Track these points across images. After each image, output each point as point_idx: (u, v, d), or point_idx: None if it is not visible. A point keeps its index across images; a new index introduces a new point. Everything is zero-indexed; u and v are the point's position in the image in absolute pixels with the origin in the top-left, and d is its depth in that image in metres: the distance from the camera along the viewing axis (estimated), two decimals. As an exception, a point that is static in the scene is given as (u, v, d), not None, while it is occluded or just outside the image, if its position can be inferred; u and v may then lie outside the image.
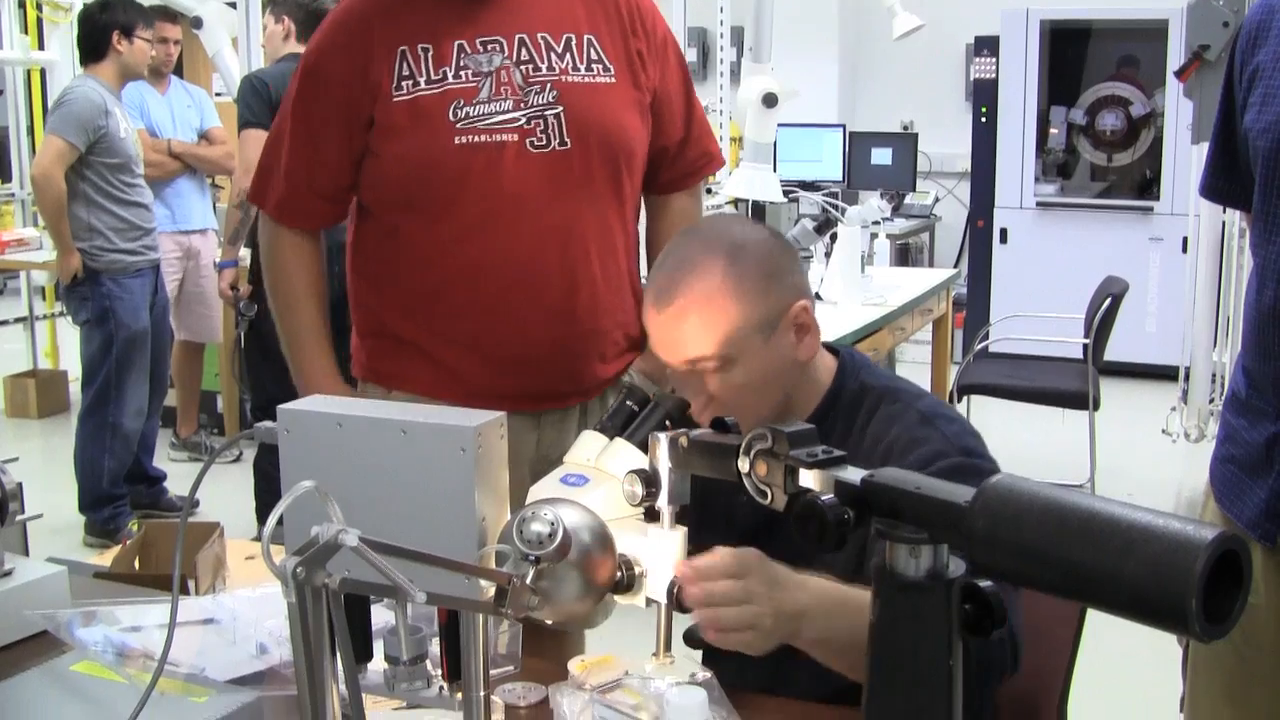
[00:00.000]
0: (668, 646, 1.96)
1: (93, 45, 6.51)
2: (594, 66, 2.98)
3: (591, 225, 2.97)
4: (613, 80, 2.99)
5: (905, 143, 11.13)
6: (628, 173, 3.05)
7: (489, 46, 2.91)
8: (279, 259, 3.12)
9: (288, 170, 3.02)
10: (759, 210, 6.97)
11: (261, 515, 6.14)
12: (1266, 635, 2.39)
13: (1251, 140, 2.39)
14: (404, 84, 2.88)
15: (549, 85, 2.92)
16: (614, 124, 2.99)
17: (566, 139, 2.91)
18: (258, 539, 3.75)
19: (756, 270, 2.28)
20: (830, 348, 2.48)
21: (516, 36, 2.92)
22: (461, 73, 2.88)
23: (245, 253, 6.62)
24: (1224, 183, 2.65)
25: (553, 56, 2.94)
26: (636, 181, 3.11)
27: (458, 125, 2.86)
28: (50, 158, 6.24)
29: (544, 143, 2.89)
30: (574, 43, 2.97)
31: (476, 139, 2.86)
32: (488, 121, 2.87)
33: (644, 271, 3.10)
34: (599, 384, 3.06)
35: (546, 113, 2.90)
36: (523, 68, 2.91)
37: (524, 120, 2.89)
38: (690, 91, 3.22)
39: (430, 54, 2.89)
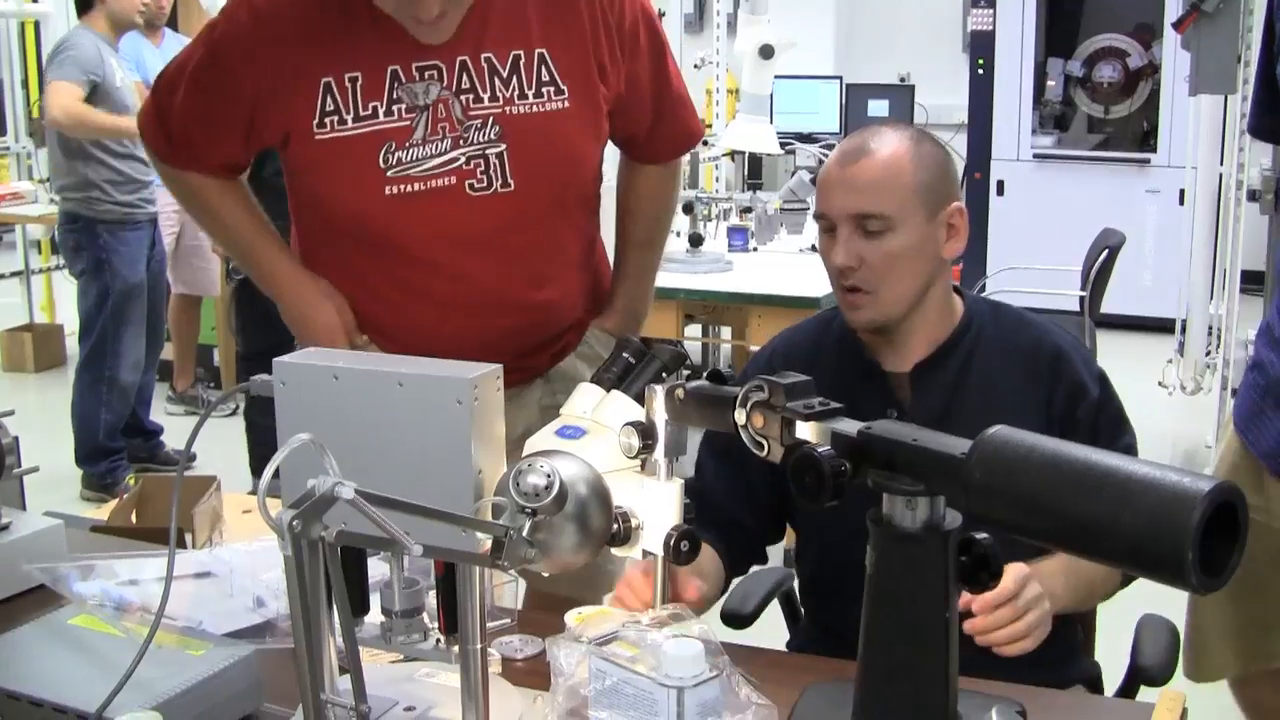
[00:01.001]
0: (664, 598, 1.97)
1: None
2: (544, 90, 2.63)
3: (540, 249, 2.73)
4: (565, 105, 2.64)
5: (902, 95, 11.10)
6: (579, 196, 2.80)
7: (427, 74, 2.57)
8: (191, 196, 2.85)
9: (177, 132, 2.72)
10: (755, 162, 6.96)
11: (255, 467, 6.15)
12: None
13: None
14: (327, 120, 2.56)
15: (491, 119, 2.59)
16: (563, 158, 2.70)
17: (510, 180, 2.62)
18: (254, 492, 3.75)
19: (933, 159, 2.44)
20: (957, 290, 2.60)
21: (458, 59, 2.58)
22: (394, 108, 2.56)
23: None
24: (1270, 119, 2.92)
25: (496, 82, 2.60)
26: (592, 189, 2.85)
27: (388, 173, 2.56)
28: (60, 97, 6.20)
29: (484, 185, 2.61)
30: (522, 61, 2.61)
31: (409, 188, 2.58)
32: (422, 167, 2.57)
33: (609, 237, 3.03)
34: (553, 357, 2.87)
35: (488, 151, 2.60)
36: (463, 98, 2.58)
37: (462, 160, 2.59)
38: (663, 72, 2.86)
39: (359, 84, 2.55)
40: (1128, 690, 2.55)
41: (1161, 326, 8.33)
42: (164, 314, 7.14)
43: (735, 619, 2.69)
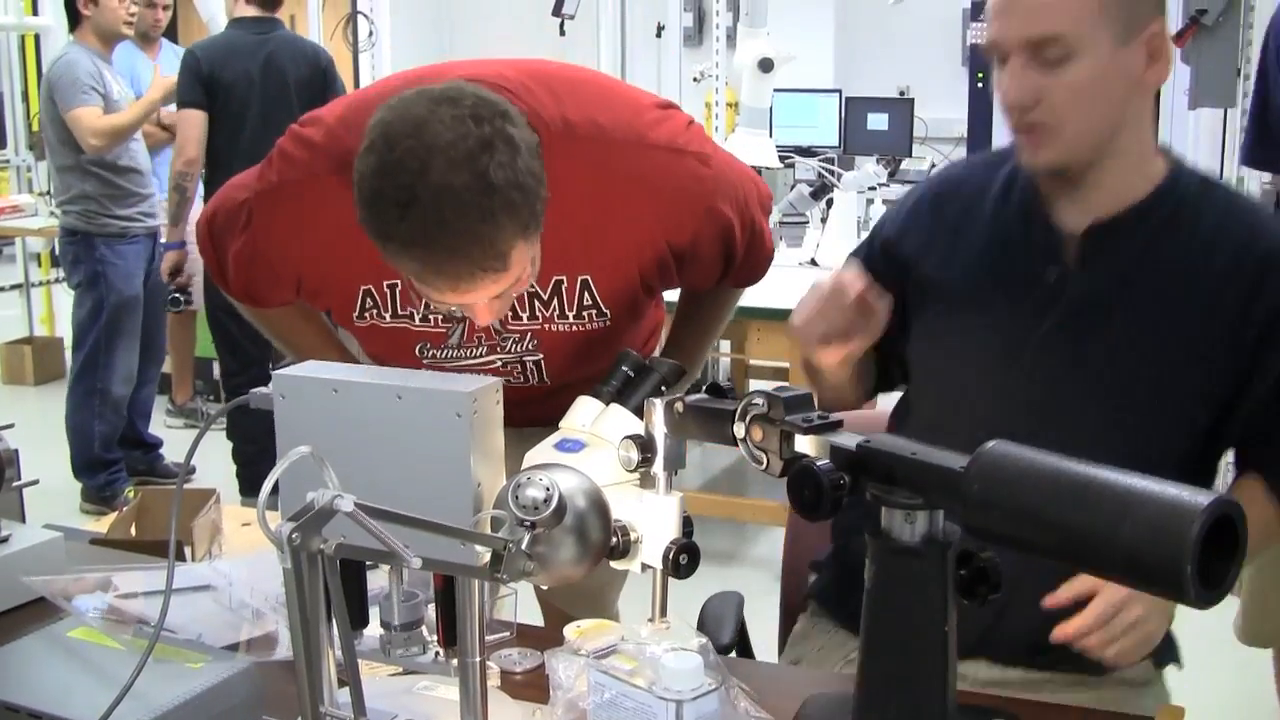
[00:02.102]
0: (663, 611, 1.97)
1: (69, 11, 6.47)
2: (585, 312, 2.49)
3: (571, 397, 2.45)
4: (607, 323, 2.52)
5: (902, 108, 11.09)
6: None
7: None
8: (253, 314, 2.81)
9: (236, 285, 2.65)
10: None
11: (243, 487, 6.16)
12: None
13: None
14: (366, 314, 2.50)
15: (529, 335, 2.52)
16: (602, 358, 2.34)
17: (546, 379, 2.59)
18: (253, 505, 3.75)
19: None
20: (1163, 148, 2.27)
21: None
22: (430, 316, 2.48)
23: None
24: (1261, 151, 3.10)
25: (536, 304, 2.47)
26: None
27: (424, 361, 2.55)
28: (86, 124, 6.20)
29: (520, 381, 2.59)
30: (564, 287, 2.47)
31: (442, 371, 2.48)
32: (456, 364, 2.55)
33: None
34: None
35: (526, 359, 2.56)
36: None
37: (499, 364, 2.56)
38: (734, 245, 2.59)
39: (397, 290, 2.45)
40: None
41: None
42: (164, 327, 7.14)
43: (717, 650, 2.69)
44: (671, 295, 2.80)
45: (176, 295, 6.76)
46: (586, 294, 2.47)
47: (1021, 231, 2.24)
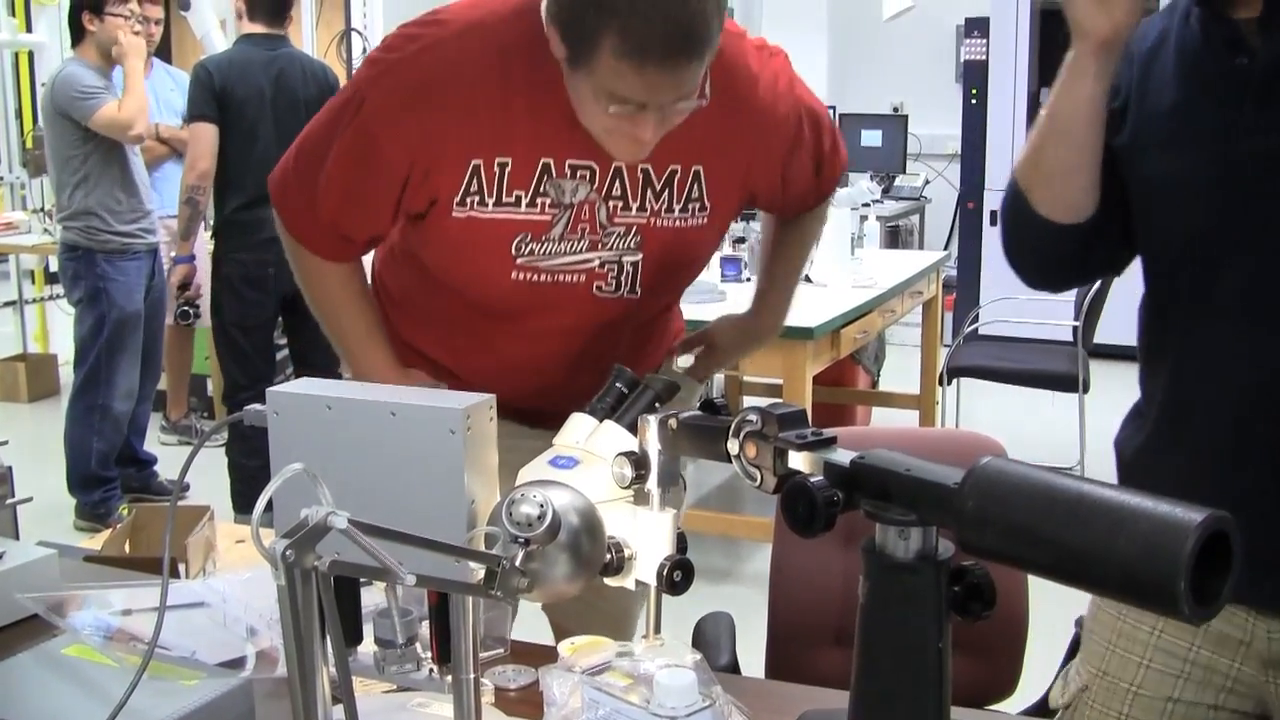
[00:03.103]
0: (657, 629, 1.97)
1: (73, 27, 6.49)
2: (690, 205, 2.53)
3: (631, 344, 2.71)
4: (705, 221, 2.56)
5: (895, 124, 11.13)
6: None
7: (579, 173, 2.45)
8: (310, 275, 2.70)
9: (324, 219, 2.56)
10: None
11: (237, 504, 6.16)
12: None
13: None
14: (469, 199, 2.43)
15: (634, 229, 2.52)
16: (691, 269, 2.72)
17: (638, 288, 2.57)
18: (245, 522, 3.73)
19: None
20: None
21: (613, 164, 2.45)
22: (539, 200, 2.44)
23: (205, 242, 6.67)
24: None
25: (648, 194, 2.49)
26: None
27: (518, 259, 2.48)
28: (113, 117, 6.21)
29: (612, 288, 2.56)
30: (677, 177, 2.50)
31: (536, 278, 2.51)
32: (553, 262, 2.50)
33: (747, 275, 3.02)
34: None
35: (624, 259, 2.54)
36: (610, 204, 2.49)
37: (596, 264, 2.53)
38: (821, 147, 2.72)
39: (508, 170, 2.41)
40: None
41: (1155, 356, 8.32)
42: (161, 344, 7.14)
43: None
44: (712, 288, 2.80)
45: (186, 309, 6.76)
46: (696, 186, 2.52)
47: (1207, 44, 2.24)
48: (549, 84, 2.34)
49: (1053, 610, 2.65)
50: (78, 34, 6.46)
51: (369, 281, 2.80)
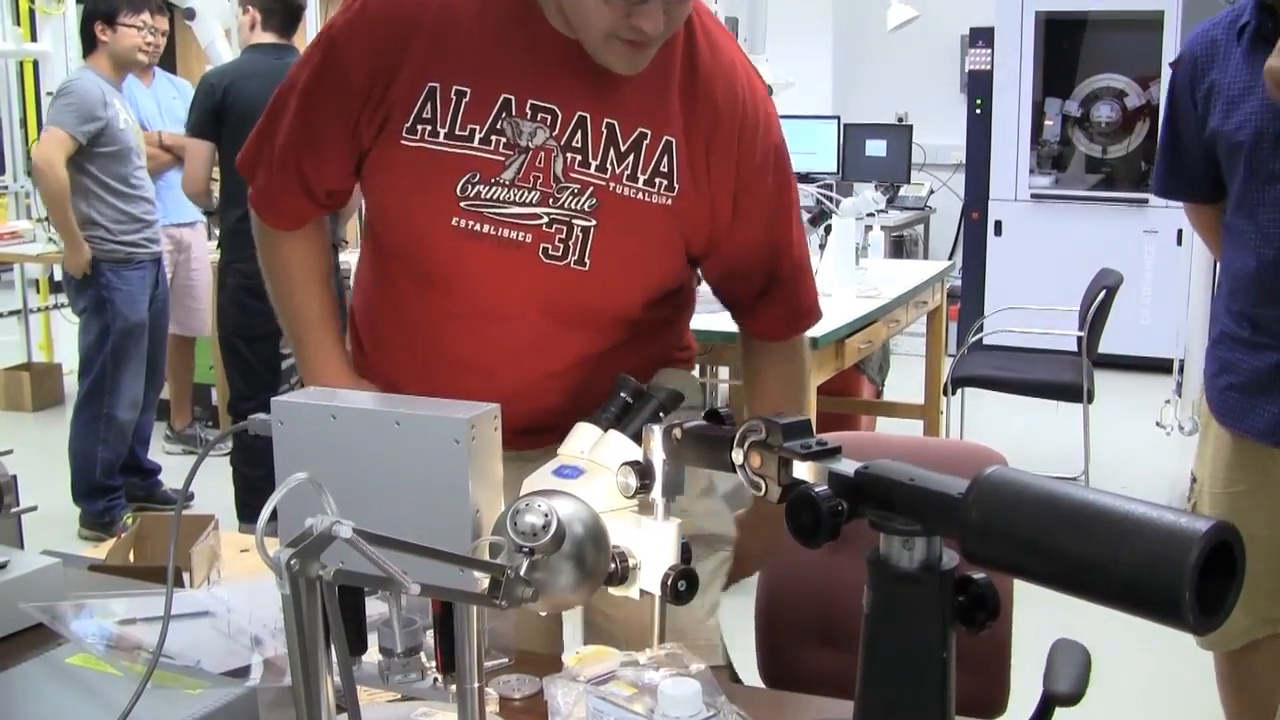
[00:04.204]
0: (661, 638, 1.97)
1: (85, 37, 6.52)
2: (657, 180, 2.35)
3: (590, 351, 2.46)
4: (668, 204, 2.36)
5: (900, 134, 11.13)
6: (646, 304, 2.50)
7: (539, 115, 2.31)
8: (269, 249, 2.67)
9: (280, 156, 2.50)
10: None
11: (242, 514, 6.16)
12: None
13: (1225, 139, 3.14)
14: (419, 127, 2.32)
15: (590, 189, 2.33)
16: (647, 258, 2.43)
17: (586, 260, 2.35)
18: (249, 531, 3.73)
19: None
20: None
21: (576, 114, 2.32)
22: (493, 138, 2.31)
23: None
24: (1172, 181, 3.51)
25: (610, 154, 2.33)
26: (660, 313, 2.56)
27: (461, 204, 2.32)
28: (51, 148, 6.23)
29: (559, 254, 2.35)
30: (646, 143, 2.34)
31: (478, 227, 2.33)
32: (498, 210, 2.33)
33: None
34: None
35: (575, 221, 2.33)
36: (568, 156, 2.32)
37: (545, 221, 2.33)
38: (783, 226, 2.54)
39: (465, 101, 2.31)
40: (1042, 715, 2.56)
41: (1159, 367, 8.34)
42: (165, 353, 7.15)
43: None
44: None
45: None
46: (666, 159, 2.35)
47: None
48: (527, 17, 2.32)
49: (1033, 629, 2.65)
50: (89, 44, 6.48)
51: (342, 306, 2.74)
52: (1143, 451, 7.66)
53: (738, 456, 1.72)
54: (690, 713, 1.71)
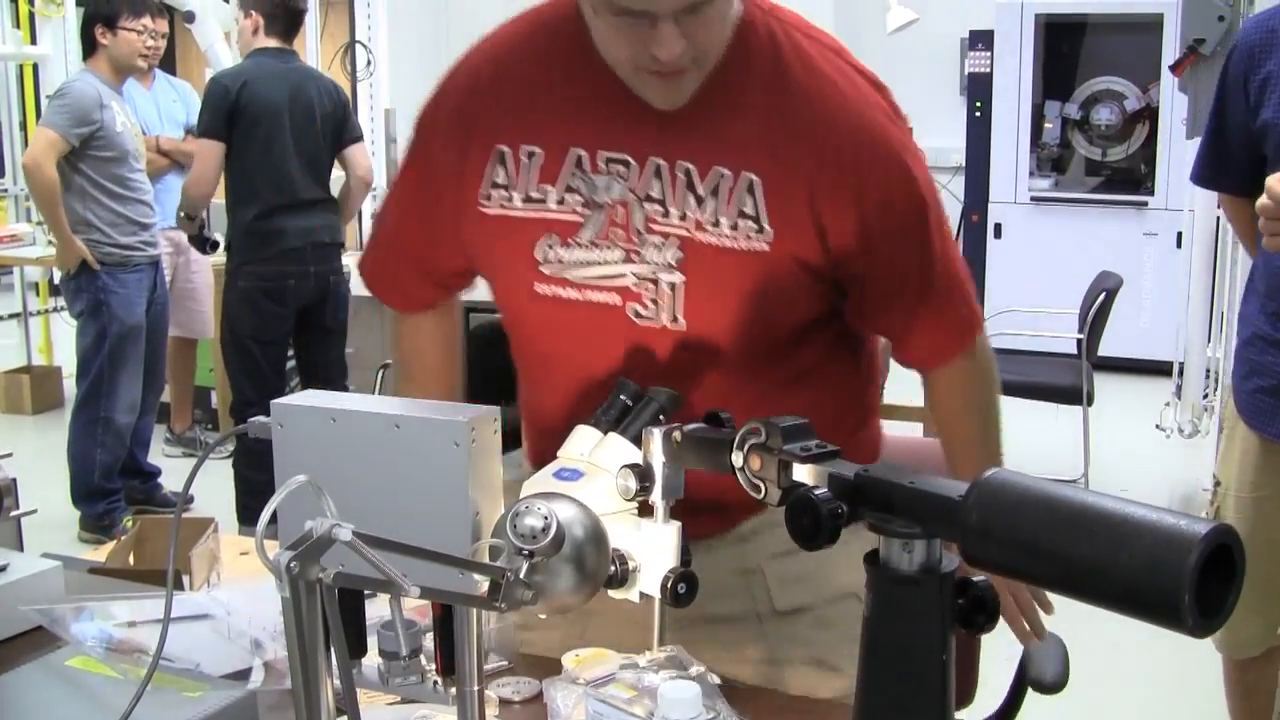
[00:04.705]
0: (661, 640, 1.97)
1: (85, 40, 6.53)
2: (743, 223, 2.12)
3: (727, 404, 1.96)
4: (765, 249, 2.12)
5: (899, 137, 11.12)
6: (775, 358, 2.25)
7: (613, 166, 2.16)
8: (394, 329, 2.58)
9: (392, 240, 2.48)
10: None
11: (243, 517, 6.16)
12: None
13: (1276, 131, 3.11)
14: (493, 194, 2.22)
15: (674, 240, 2.14)
16: (753, 311, 2.15)
17: (679, 318, 2.16)
18: (249, 534, 3.74)
19: None
20: None
21: (651, 161, 2.15)
22: (568, 198, 2.17)
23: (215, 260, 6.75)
24: (1213, 171, 3.45)
25: (690, 199, 2.13)
26: (804, 360, 2.30)
27: (542, 268, 2.20)
28: (40, 148, 6.24)
29: (651, 314, 2.17)
30: (725, 183, 2.12)
31: (563, 292, 2.20)
32: (582, 273, 2.19)
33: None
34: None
35: (661, 276, 2.15)
36: (647, 207, 2.15)
37: (631, 280, 2.17)
38: (926, 256, 2.25)
39: (537, 161, 2.19)
40: (1014, 699, 2.57)
41: (1159, 369, 8.35)
42: (164, 356, 7.16)
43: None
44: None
45: (212, 240, 6.78)
46: (750, 198, 2.12)
47: None
48: (588, 66, 2.14)
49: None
50: (89, 47, 6.49)
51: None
52: (1142, 454, 7.66)
53: (737, 459, 1.72)
54: (690, 715, 1.71)
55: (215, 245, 6.89)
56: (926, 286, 2.27)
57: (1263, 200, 2.75)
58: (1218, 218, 7.06)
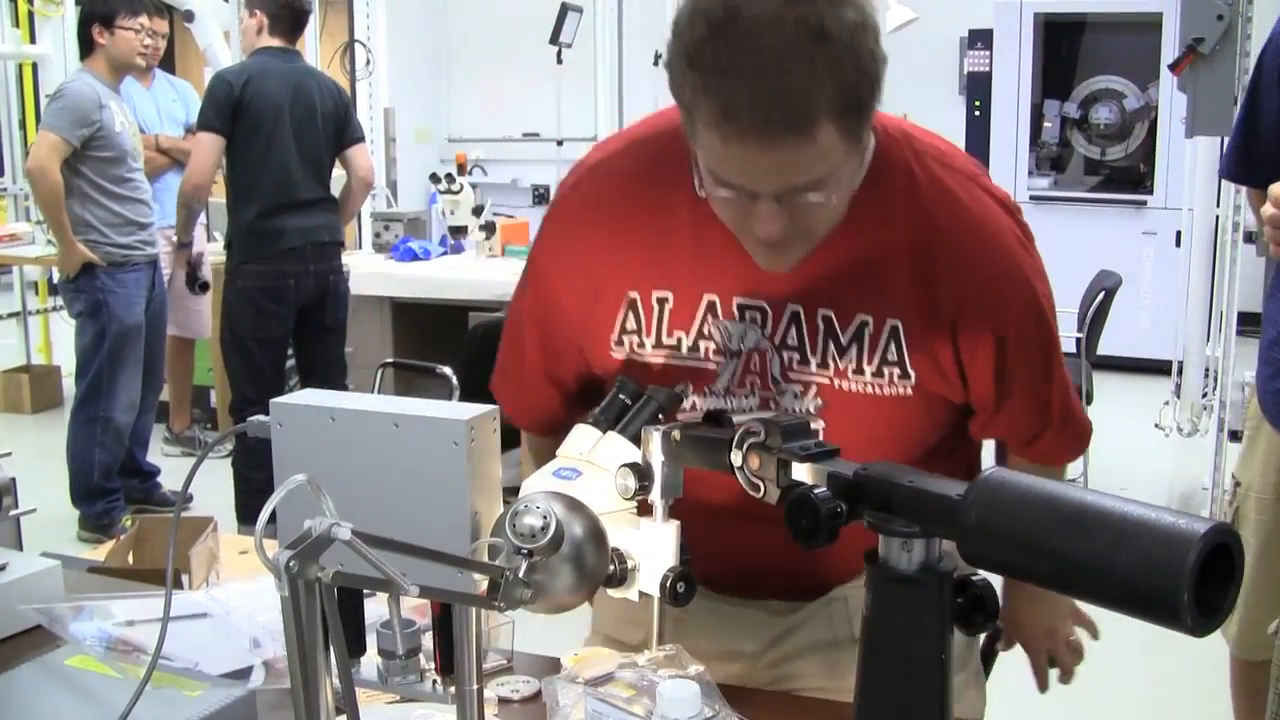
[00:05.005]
0: (660, 639, 1.97)
1: (83, 40, 6.52)
2: (887, 369, 2.06)
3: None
4: (907, 393, 2.08)
5: (899, 136, 11.12)
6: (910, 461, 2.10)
7: (748, 314, 2.08)
8: (525, 447, 2.50)
9: (517, 370, 2.38)
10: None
11: (242, 516, 6.16)
12: None
13: None
14: (625, 339, 2.15)
15: (814, 388, 2.08)
16: (891, 449, 1.89)
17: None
18: (249, 533, 3.72)
19: None
20: None
21: (788, 309, 2.07)
22: (701, 344, 2.10)
23: (215, 258, 6.74)
24: (1243, 167, 3.39)
25: (830, 347, 2.06)
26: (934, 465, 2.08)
27: (678, 415, 2.06)
28: (44, 151, 6.23)
29: None
30: (868, 331, 2.06)
31: None
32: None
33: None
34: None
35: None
36: (785, 355, 2.08)
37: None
38: (1047, 375, 2.22)
39: (668, 307, 2.11)
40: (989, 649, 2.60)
41: (1158, 368, 8.35)
42: (163, 355, 7.15)
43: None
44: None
45: (202, 280, 6.81)
46: (893, 345, 2.06)
47: None
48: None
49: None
50: (87, 46, 6.48)
51: None
52: (1141, 453, 7.65)
53: (736, 458, 1.72)
54: (689, 714, 1.71)
55: (205, 287, 6.94)
56: (1049, 409, 2.24)
57: (1267, 208, 2.70)
58: (1216, 216, 7.06)
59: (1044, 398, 2.22)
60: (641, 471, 1.85)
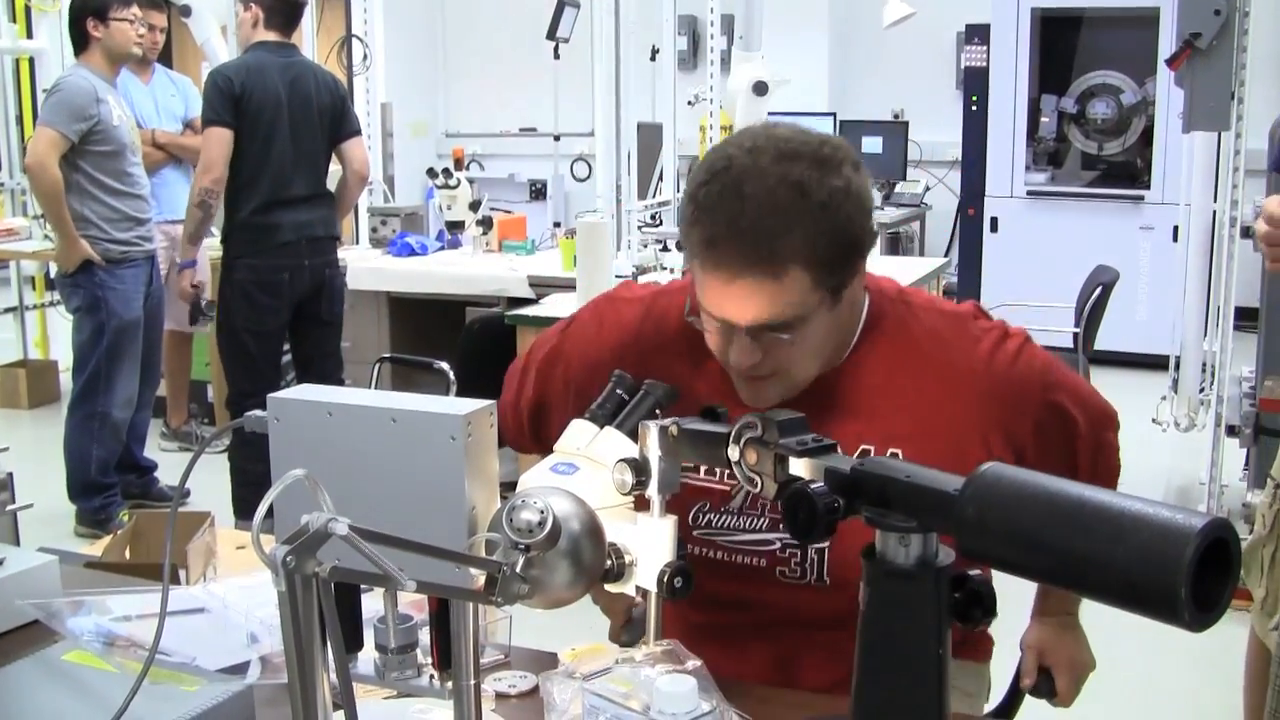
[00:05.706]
0: (657, 634, 1.97)
1: (77, 34, 6.49)
2: None
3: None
4: None
5: (896, 131, 11.14)
6: None
7: None
8: None
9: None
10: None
11: (238, 509, 6.15)
12: None
13: None
14: None
15: None
16: None
17: (825, 578, 2.26)
18: (246, 528, 3.73)
19: None
20: None
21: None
22: (718, 469, 2.21)
23: (214, 252, 6.71)
24: None
25: None
26: None
27: (695, 531, 2.31)
28: (43, 147, 6.22)
29: (797, 575, 2.28)
30: (870, 456, 2.16)
31: (712, 554, 2.31)
32: (730, 537, 2.30)
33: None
34: None
35: (808, 545, 2.26)
36: None
37: (778, 546, 2.28)
38: (1077, 451, 2.47)
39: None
40: (1010, 705, 2.59)
41: (1155, 363, 8.34)
42: (160, 351, 7.15)
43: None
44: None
45: (203, 306, 6.78)
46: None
47: None
48: None
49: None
50: (81, 41, 6.46)
51: None
52: (1139, 448, 7.58)
53: (733, 453, 1.72)
54: (686, 709, 1.71)
55: (207, 319, 6.90)
56: (1075, 465, 2.45)
57: (1260, 226, 2.68)
58: (1214, 211, 7.05)
59: (1072, 462, 2.43)
60: (639, 466, 1.86)
